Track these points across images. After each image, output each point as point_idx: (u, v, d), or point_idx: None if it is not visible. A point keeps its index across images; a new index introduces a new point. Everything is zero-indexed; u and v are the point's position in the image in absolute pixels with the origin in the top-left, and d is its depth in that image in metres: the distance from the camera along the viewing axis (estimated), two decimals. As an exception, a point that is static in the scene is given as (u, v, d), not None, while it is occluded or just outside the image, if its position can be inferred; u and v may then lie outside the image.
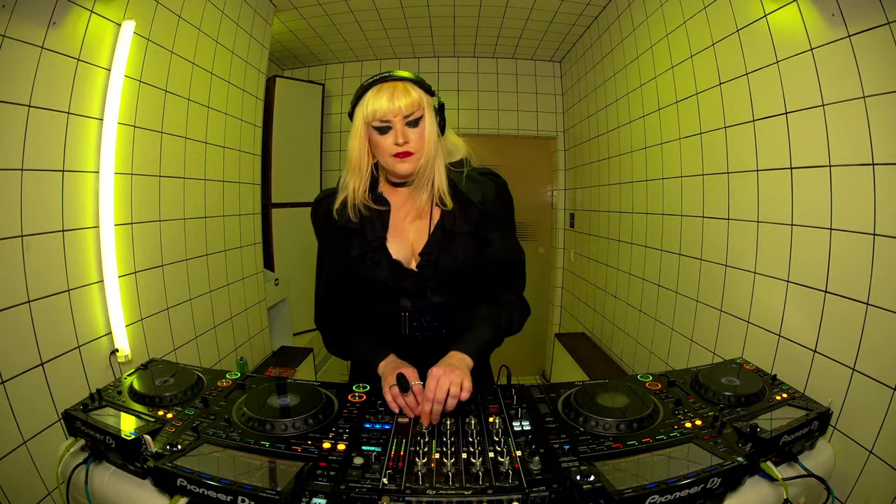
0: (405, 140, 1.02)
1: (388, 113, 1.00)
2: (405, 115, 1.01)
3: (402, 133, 1.02)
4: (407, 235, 1.13)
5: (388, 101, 0.99)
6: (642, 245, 2.42)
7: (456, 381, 0.93)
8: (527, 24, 3.14)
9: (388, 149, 1.03)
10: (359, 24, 3.13)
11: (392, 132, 1.02)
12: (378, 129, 1.03)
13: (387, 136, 1.03)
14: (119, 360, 1.58)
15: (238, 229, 2.50)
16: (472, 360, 1.02)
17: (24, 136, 1.28)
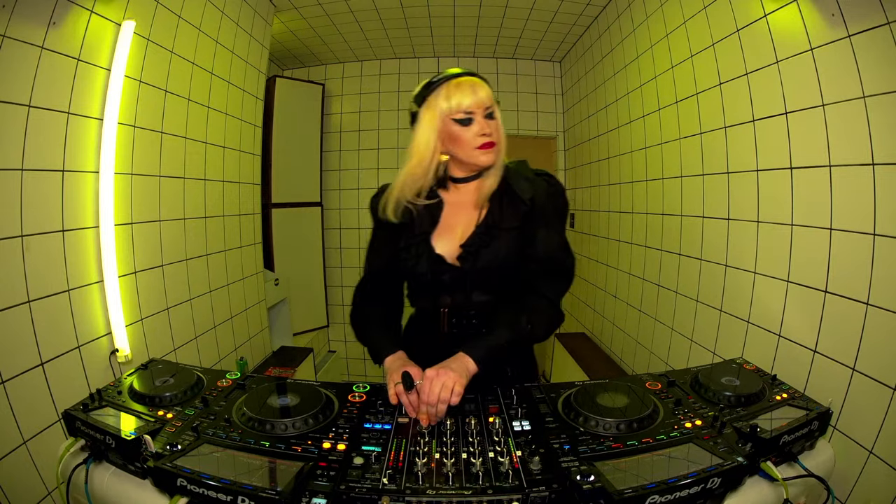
0: (490, 130, 1.04)
1: (473, 105, 1.03)
2: (486, 107, 1.04)
3: (484, 124, 1.04)
4: (456, 230, 1.13)
5: (472, 93, 1.03)
6: (642, 245, 2.42)
7: (448, 385, 0.92)
8: (527, 24, 3.14)
9: (471, 140, 1.05)
10: (359, 24, 3.13)
11: (475, 123, 1.04)
12: (460, 122, 1.04)
13: (469, 127, 1.04)
14: (119, 360, 1.59)
15: (238, 229, 2.50)
16: (477, 364, 1.00)
17: (24, 136, 1.28)
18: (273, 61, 3.61)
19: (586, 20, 3.00)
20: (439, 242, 1.12)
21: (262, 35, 2.65)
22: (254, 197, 2.70)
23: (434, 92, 1.06)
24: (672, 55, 2.04)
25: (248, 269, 2.61)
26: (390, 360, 1.08)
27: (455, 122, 1.04)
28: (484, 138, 1.05)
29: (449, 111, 1.04)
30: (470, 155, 1.07)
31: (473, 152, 1.06)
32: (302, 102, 3.56)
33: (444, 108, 1.04)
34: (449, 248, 1.12)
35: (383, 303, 1.23)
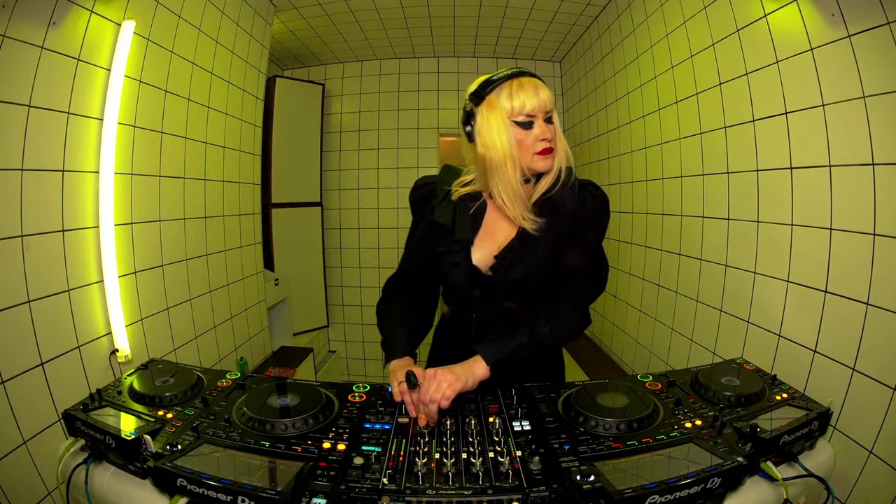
0: (549, 136, 1.00)
1: (535, 108, 0.98)
2: (546, 111, 1.00)
3: (545, 129, 1.00)
4: (496, 238, 1.10)
5: (535, 95, 0.98)
6: (642, 245, 2.42)
7: (441, 387, 0.92)
8: (527, 25, 3.14)
9: (531, 145, 0.99)
10: (359, 24, 3.13)
11: (535, 127, 1.00)
12: (520, 125, 0.99)
13: (529, 131, 0.99)
14: (119, 360, 1.58)
15: (238, 229, 2.50)
16: (490, 366, 0.99)
17: (24, 136, 1.28)
18: (273, 61, 3.61)
19: (586, 20, 3.00)
20: (478, 251, 1.09)
21: (262, 35, 2.65)
22: (254, 197, 2.70)
23: (495, 90, 1.00)
24: (672, 55, 2.04)
25: (248, 269, 2.61)
26: (396, 362, 1.09)
27: (515, 125, 0.99)
28: (544, 143, 1.00)
29: (511, 112, 0.98)
30: (529, 160, 1.01)
31: (532, 157, 1.00)
32: (302, 102, 3.56)
33: (506, 107, 0.98)
34: (485, 257, 1.09)
35: (411, 298, 1.22)
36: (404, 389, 0.98)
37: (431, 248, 1.13)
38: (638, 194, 2.47)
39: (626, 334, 2.61)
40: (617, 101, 2.70)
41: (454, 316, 1.20)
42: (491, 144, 1.00)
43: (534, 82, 1.01)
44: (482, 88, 1.02)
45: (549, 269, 1.06)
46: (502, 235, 1.09)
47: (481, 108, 1.01)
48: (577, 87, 3.43)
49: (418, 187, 1.20)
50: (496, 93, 1.00)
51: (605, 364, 2.74)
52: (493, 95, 1.00)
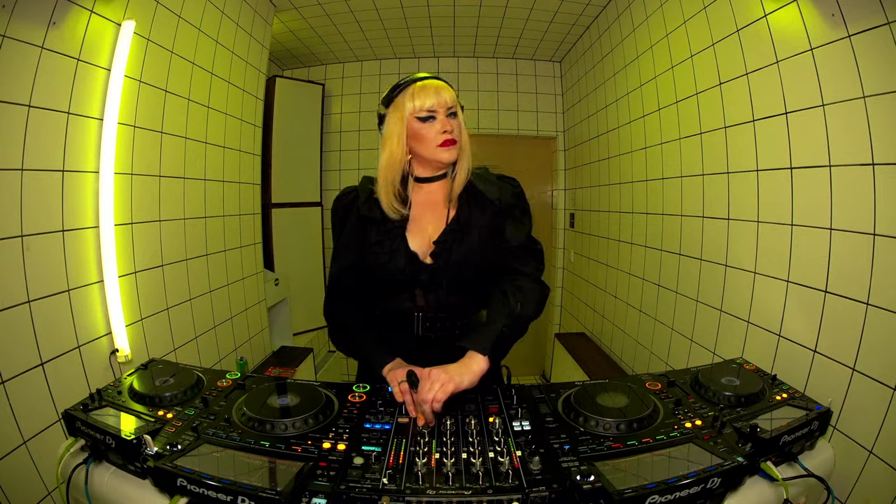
0: (451, 128, 1.09)
1: (436, 104, 1.08)
2: (448, 107, 1.09)
3: (445, 122, 1.09)
4: (426, 228, 1.15)
5: (435, 94, 1.08)
6: (642, 245, 2.42)
7: (434, 388, 0.93)
8: (527, 25, 3.14)
9: (433, 138, 1.09)
10: (359, 24, 3.13)
11: (437, 121, 1.09)
12: (422, 119, 1.09)
13: (432, 124, 1.09)
14: (119, 360, 1.58)
15: (238, 229, 2.50)
16: (488, 356, 1.01)
17: (24, 136, 1.28)
18: (273, 61, 3.61)
19: (586, 20, 3.00)
20: (411, 239, 1.14)
21: (262, 35, 2.65)
22: (254, 197, 2.70)
23: (400, 93, 1.10)
24: (672, 55, 2.04)
25: (248, 269, 2.61)
26: (388, 368, 1.09)
27: (418, 120, 1.09)
28: (445, 135, 1.08)
29: (413, 110, 1.08)
30: (432, 152, 1.10)
31: (435, 149, 1.09)
32: (302, 102, 3.56)
33: (409, 107, 1.08)
34: (421, 245, 1.13)
35: (358, 308, 1.22)
36: (405, 389, 0.98)
37: (363, 241, 1.15)
38: (638, 194, 2.47)
39: (626, 334, 2.61)
40: (617, 101, 2.70)
41: (397, 318, 1.18)
42: (387, 138, 1.12)
43: (436, 83, 1.10)
44: (391, 92, 1.13)
45: (484, 254, 1.13)
46: (432, 227, 1.15)
47: (389, 109, 1.12)
48: (577, 87, 3.43)
49: (340, 198, 1.22)
50: (401, 95, 1.10)
51: (605, 364, 2.74)
52: (399, 97, 1.11)
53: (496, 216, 1.15)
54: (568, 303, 3.78)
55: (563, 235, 3.83)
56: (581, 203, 3.47)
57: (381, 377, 1.09)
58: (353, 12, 2.95)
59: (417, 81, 1.10)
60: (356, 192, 1.20)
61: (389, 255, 1.12)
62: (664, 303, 2.18)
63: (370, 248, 1.14)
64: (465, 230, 1.13)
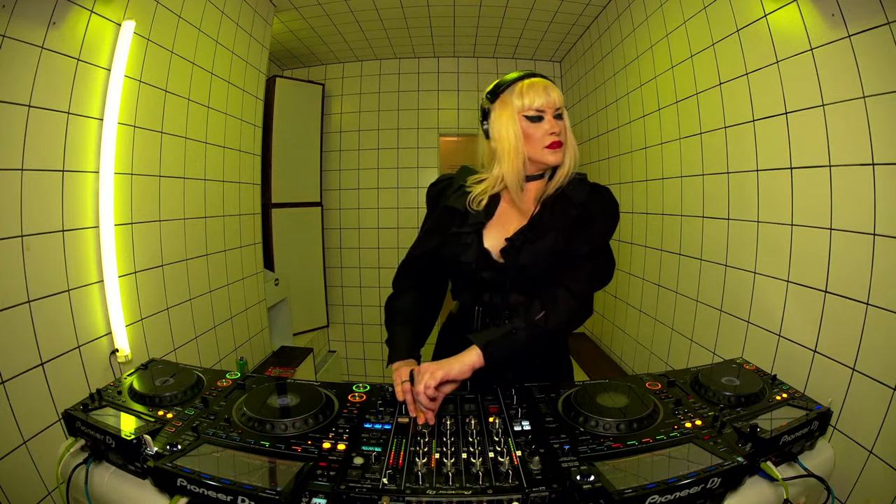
0: (558, 130, 1.07)
1: (545, 104, 1.06)
2: (556, 108, 1.08)
3: (553, 123, 1.07)
4: (507, 227, 1.13)
5: (545, 93, 1.06)
6: (642, 245, 2.42)
7: (424, 378, 0.93)
8: (527, 25, 3.14)
9: (540, 139, 1.07)
10: (359, 24, 3.13)
11: (545, 122, 1.07)
12: (530, 119, 1.07)
13: (539, 125, 1.07)
14: (119, 360, 1.59)
15: (238, 229, 2.50)
16: (483, 352, 0.99)
17: (24, 136, 1.28)
18: (273, 61, 3.61)
19: (586, 20, 3.00)
20: (489, 237, 1.13)
21: (262, 35, 2.65)
22: (254, 197, 2.70)
23: (508, 89, 1.08)
24: (672, 55, 2.04)
25: (248, 269, 2.61)
26: (400, 363, 1.10)
27: (526, 119, 1.07)
28: (552, 137, 1.07)
29: (521, 108, 1.06)
30: (538, 153, 1.08)
31: (542, 150, 1.08)
32: (302, 102, 3.56)
33: (517, 104, 1.06)
34: (496, 242, 1.12)
35: (420, 293, 1.23)
36: (407, 389, 0.98)
37: (444, 230, 1.15)
38: (638, 194, 2.47)
39: (626, 334, 2.61)
40: (617, 101, 2.70)
41: (461, 311, 1.20)
42: (499, 137, 1.09)
43: (544, 82, 1.08)
44: (497, 88, 1.10)
45: (555, 260, 1.09)
46: (513, 226, 1.13)
47: (495, 105, 1.10)
48: (577, 87, 3.43)
49: (435, 184, 1.25)
50: (509, 91, 1.08)
51: (605, 364, 2.74)
52: (506, 94, 1.08)
53: (576, 221, 1.09)
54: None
55: (563, 235, 3.82)
56: (581, 203, 3.46)
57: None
58: (353, 12, 2.95)
59: (526, 79, 1.08)
60: (450, 182, 1.20)
61: (463, 248, 1.12)
62: (664, 303, 2.18)
63: (448, 239, 1.14)
64: (540, 232, 1.09)
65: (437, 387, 0.95)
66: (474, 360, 0.99)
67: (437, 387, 0.95)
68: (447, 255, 1.15)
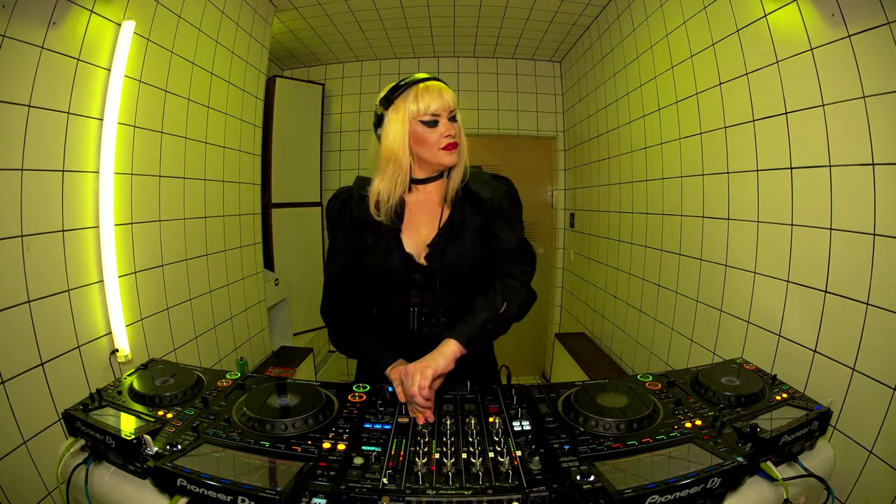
0: (453, 132, 1.09)
1: (440, 108, 1.07)
2: (450, 110, 1.09)
3: (449, 125, 1.09)
4: (420, 230, 1.16)
5: (439, 97, 1.08)
6: (642, 245, 2.42)
7: (415, 379, 0.94)
8: (527, 24, 3.14)
9: (436, 142, 1.09)
10: (359, 24, 3.13)
11: (440, 125, 1.09)
12: (426, 123, 1.08)
13: (435, 129, 1.08)
14: (119, 360, 1.58)
15: (238, 229, 2.50)
16: (463, 344, 1.02)
17: (24, 136, 1.28)
18: (273, 61, 3.61)
19: (586, 20, 3.00)
20: (406, 241, 1.14)
21: (262, 35, 2.65)
22: (254, 197, 2.70)
23: (402, 95, 1.09)
24: (672, 55, 2.04)
25: (248, 269, 2.61)
26: (391, 369, 1.09)
27: (421, 124, 1.08)
28: (448, 139, 1.09)
29: (416, 113, 1.07)
30: (435, 155, 1.10)
31: (438, 153, 1.10)
32: (302, 102, 3.56)
33: (412, 110, 1.07)
34: (416, 247, 1.14)
35: (359, 309, 1.23)
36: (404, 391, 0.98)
37: (359, 244, 1.15)
38: (638, 194, 2.47)
39: (626, 334, 2.61)
40: (617, 101, 2.70)
41: (392, 314, 1.19)
42: (390, 141, 1.10)
43: (438, 85, 1.09)
44: (391, 93, 1.10)
45: (477, 255, 1.14)
46: (426, 228, 1.16)
47: (389, 111, 1.10)
48: (577, 87, 3.43)
49: (335, 198, 1.22)
50: (403, 97, 1.09)
51: (605, 364, 2.74)
52: (400, 99, 1.09)
53: (489, 216, 1.15)
54: (568, 303, 3.78)
55: (563, 235, 3.83)
56: (581, 203, 3.47)
57: (381, 377, 1.10)
58: (353, 12, 2.95)
59: (420, 83, 1.09)
60: (349, 193, 1.19)
61: (385, 256, 1.13)
62: (664, 303, 2.18)
63: (365, 251, 1.15)
64: (459, 231, 1.13)
65: None
66: (455, 350, 1.01)
67: None
68: (371, 266, 1.14)
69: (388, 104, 1.10)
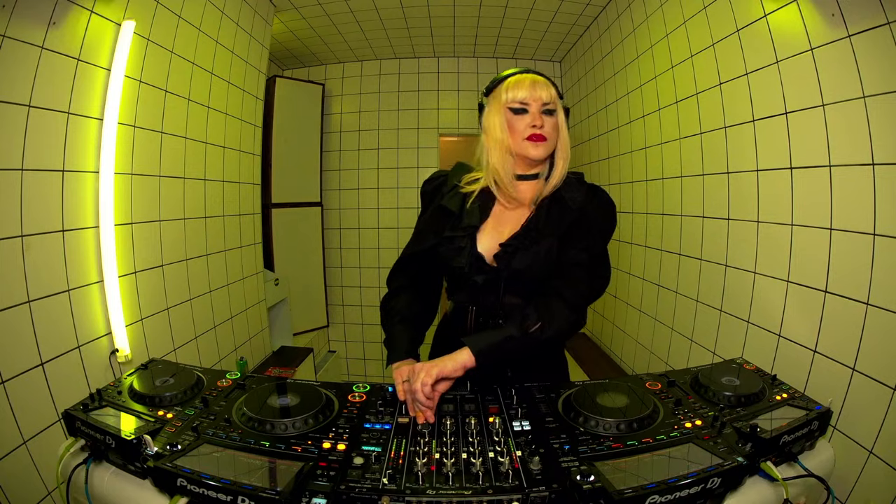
0: (540, 124, 1.06)
1: (528, 97, 1.06)
2: (543, 102, 1.07)
3: (537, 117, 1.07)
4: (501, 230, 1.13)
5: (530, 87, 1.07)
6: (642, 245, 2.42)
7: (419, 376, 0.93)
8: (527, 24, 3.14)
9: (522, 131, 1.07)
10: (359, 24, 3.13)
11: (528, 115, 1.07)
12: (515, 111, 1.08)
13: (523, 117, 1.07)
14: (119, 360, 1.59)
15: (238, 229, 2.50)
16: (475, 355, 0.97)
17: (24, 136, 1.28)
18: (273, 61, 3.61)
19: (586, 20, 3.00)
20: (483, 240, 1.12)
21: (262, 35, 2.65)
22: (254, 197, 2.70)
23: (499, 84, 1.11)
24: (672, 55, 2.04)
25: (248, 269, 2.61)
26: (398, 363, 1.10)
27: (510, 111, 1.08)
28: (533, 129, 1.06)
29: (507, 100, 1.08)
30: (520, 145, 1.08)
31: (523, 143, 1.07)
32: (302, 102, 3.56)
33: (504, 97, 1.08)
34: (490, 246, 1.11)
35: (416, 292, 1.23)
36: (408, 388, 0.98)
37: (438, 232, 1.15)
38: (638, 194, 2.47)
39: (626, 334, 2.61)
40: (617, 101, 2.70)
41: (456, 310, 1.20)
42: (487, 129, 1.12)
43: (532, 77, 1.09)
44: (492, 84, 1.13)
45: (550, 265, 1.07)
46: (508, 229, 1.12)
47: (488, 100, 1.13)
48: (577, 87, 3.43)
49: (430, 180, 1.24)
50: (500, 86, 1.10)
51: (605, 364, 2.74)
52: (498, 89, 1.11)
53: (573, 226, 1.08)
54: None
55: (563, 235, 3.83)
56: (581, 203, 3.46)
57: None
58: (353, 12, 2.95)
59: (516, 74, 1.10)
60: (445, 179, 1.20)
61: (456, 251, 1.11)
62: (664, 303, 2.17)
63: (441, 241, 1.14)
64: (536, 237, 1.08)
65: (433, 384, 0.95)
66: (466, 360, 0.97)
67: (433, 384, 0.94)
68: (441, 257, 1.14)
69: (489, 92, 1.12)
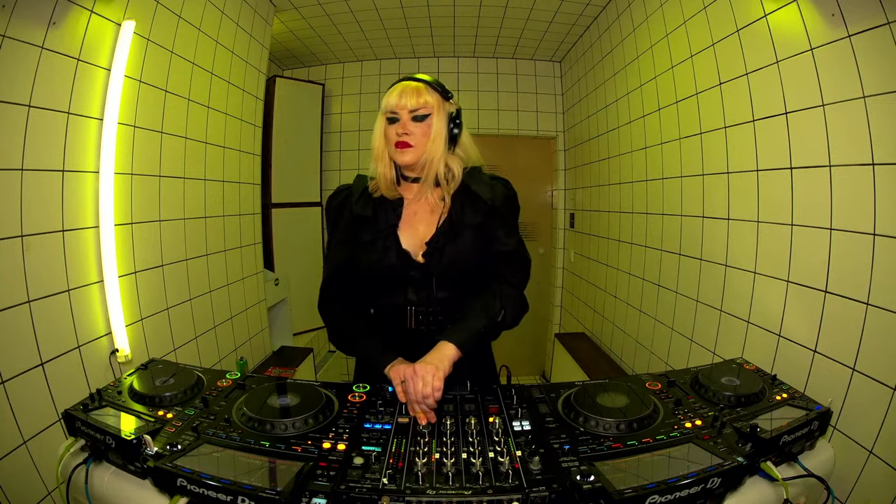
0: (406, 132, 1.11)
1: (396, 106, 1.11)
2: (411, 110, 1.11)
3: (405, 125, 1.11)
4: (417, 228, 1.17)
5: (398, 97, 1.11)
6: (642, 245, 2.42)
7: (427, 381, 0.94)
8: (527, 24, 3.14)
9: (391, 138, 1.13)
10: (359, 24, 3.13)
11: (398, 123, 1.12)
12: (389, 120, 1.14)
13: (393, 126, 1.13)
14: (119, 360, 1.58)
15: (238, 229, 2.50)
16: (459, 347, 1.05)
17: (24, 136, 1.28)
18: (273, 61, 3.61)
19: (586, 20, 3.00)
20: (403, 238, 1.16)
21: (262, 35, 2.65)
22: (254, 197, 2.70)
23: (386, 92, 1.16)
24: (672, 55, 2.04)
25: (248, 269, 2.61)
26: (389, 367, 1.09)
27: (386, 120, 1.14)
28: (398, 137, 1.11)
29: (383, 110, 1.15)
30: (392, 152, 1.14)
31: (392, 149, 1.13)
32: (302, 102, 3.56)
33: (381, 107, 1.15)
34: (413, 244, 1.15)
35: (354, 306, 1.24)
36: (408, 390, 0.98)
37: (357, 239, 1.17)
38: (638, 194, 2.47)
39: (626, 334, 2.61)
40: (617, 101, 2.70)
41: (389, 312, 1.20)
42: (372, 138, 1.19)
43: (405, 85, 1.13)
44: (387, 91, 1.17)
45: (475, 255, 1.15)
46: (423, 227, 1.17)
47: None
48: (577, 87, 3.43)
49: (335, 195, 1.25)
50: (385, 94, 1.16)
51: (606, 364, 2.74)
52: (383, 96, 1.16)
53: (488, 217, 1.16)
54: (568, 303, 3.78)
55: (563, 235, 3.83)
56: (581, 203, 3.47)
57: (381, 375, 1.10)
58: (353, 12, 2.95)
59: (397, 83, 1.14)
60: (349, 191, 1.22)
61: (382, 252, 1.14)
62: (664, 303, 2.18)
63: (363, 247, 1.16)
64: (458, 231, 1.14)
65: None
66: (453, 354, 1.04)
67: None
68: (366, 263, 1.15)
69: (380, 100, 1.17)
